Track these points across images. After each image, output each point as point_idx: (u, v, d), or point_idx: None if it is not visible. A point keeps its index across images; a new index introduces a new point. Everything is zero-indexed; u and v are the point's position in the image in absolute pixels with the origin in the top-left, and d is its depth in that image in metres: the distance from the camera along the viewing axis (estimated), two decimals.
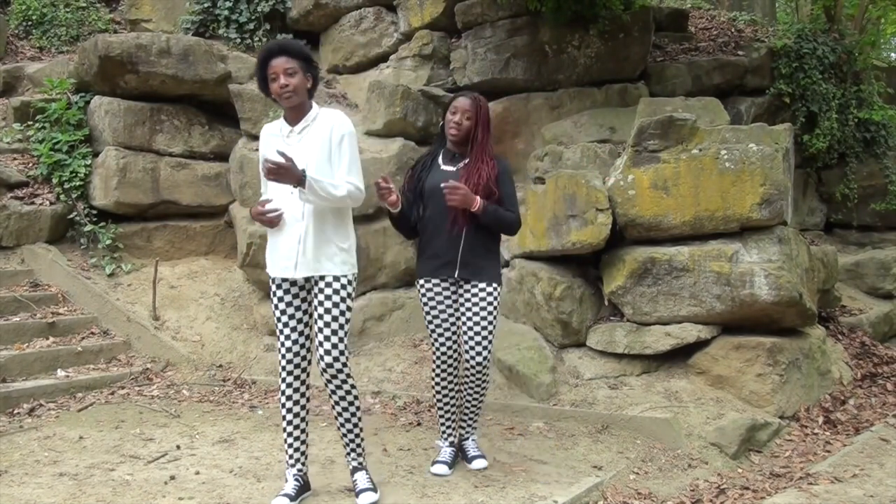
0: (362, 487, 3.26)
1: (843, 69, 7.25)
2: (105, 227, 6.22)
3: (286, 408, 3.27)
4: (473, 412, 3.83)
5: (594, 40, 6.46)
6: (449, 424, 3.81)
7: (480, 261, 3.59)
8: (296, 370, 3.24)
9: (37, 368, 4.97)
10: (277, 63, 3.10)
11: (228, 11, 7.47)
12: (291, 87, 3.10)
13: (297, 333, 3.21)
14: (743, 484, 3.73)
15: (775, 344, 4.58)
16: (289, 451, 3.30)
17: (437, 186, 3.54)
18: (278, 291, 3.20)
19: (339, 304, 3.13)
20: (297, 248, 3.12)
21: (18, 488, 3.35)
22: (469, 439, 3.86)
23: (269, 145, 3.24)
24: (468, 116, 3.59)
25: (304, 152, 3.15)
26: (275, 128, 3.29)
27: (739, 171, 4.61)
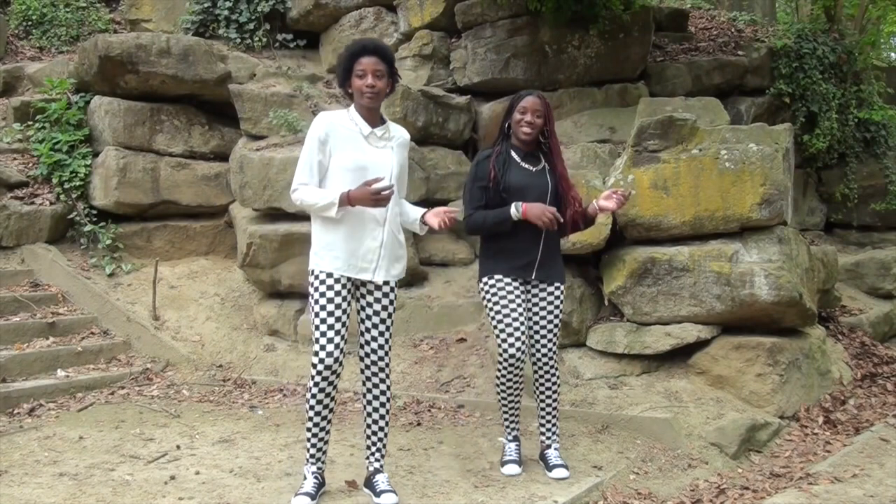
0: (384, 489, 3.25)
1: (843, 69, 7.25)
2: (105, 227, 6.22)
3: (324, 405, 3.17)
4: (553, 417, 3.78)
5: (594, 40, 6.46)
6: (513, 422, 3.80)
7: (554, 262, 3.66)
8: (333, 375, 3.13)
9: (37, 368, 4.97)
10: (369, 62, 3.12)
11: (228, 11, 7.47)
12: (378, 88, 3.15)
13: (339, 336, 3.12)
14: (743, 484, 3.73)
15: (775, 344, 4.58)
16: (311, 450, 3.24)
17: (521, 186, 3.55)
18: (336, 286, 3.12)
19: (392, 305, 3.27)
20: (379, 251, 3.18)
21: (18, 488, 3.35)
22: (552, 447, 3.77)
23: (341, 137, 3.17)
24: (539, 115, 3.58)
25: (387, 159, 3.21)
26: (344, 119, 3.22)
27: (739, 171, 4.61)
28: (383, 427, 3.33)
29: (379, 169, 3.15)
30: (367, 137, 3.19)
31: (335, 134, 3.17)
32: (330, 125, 3.18)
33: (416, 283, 5.86)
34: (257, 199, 5.70)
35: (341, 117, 3.23)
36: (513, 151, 3.66)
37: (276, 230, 5.56)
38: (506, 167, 3.61)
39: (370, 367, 3.26)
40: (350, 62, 3.15)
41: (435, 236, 6.20)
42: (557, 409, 3.81)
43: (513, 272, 3.58)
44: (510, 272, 3.57)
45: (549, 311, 3.65)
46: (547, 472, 3.68)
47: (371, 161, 3.16)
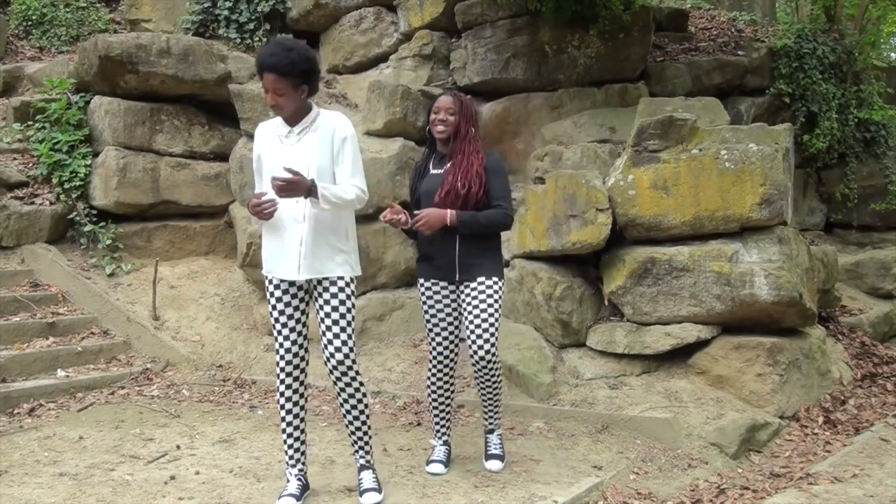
0: (367, 487, 3.26)
1: (843, 69, 7.25)
2: (105, 227, 6.22)
3: (285, 409, 3.27)
4: (491, 407, 3.80)
5: (594, 40, 6.46)
6: (443, 423, 3.83)
7: (478, 260, 3.59)
8: (294, 371, 3.24)
9: (37, 368, 4.97)
10: (267, 79, 3.07)
11: (228, 11, 7.47)
12: (279, 104, 3.11)
13: (295, 334, 3.21)
14: (743, 484, 3.73)
15: (775, 344, 4.58)
16: (289, 451, 3.30)
17: (428, 191, 3.59)
18: (276, 292, 3.19)
19: (343, 304, 3.15)
20: (300, 249, 3.11)
21: (18, 488, 3.35)
22: (493, 433, 3.85)
23: (265, 144, 3.23)
24: (451, 112, 3.58)
25: (303, 154, 3.14)
26: (272, 126, 3.27)
27: (739, 171, 4.61)
28: (361, 427, 3.30)
29: (295, 166, 3.07)
30: (285, 137, 3.20)
31: (262, 143, 3.25)
32: (259, 136, 3.26)
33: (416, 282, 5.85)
34: None
35: (271, 124, 3.27)
36: (433, 157, 3.72)
37: None
38: (420, 175, 3.71)
39: (335, 370, 3.17)
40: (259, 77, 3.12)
41: None
42: (498, 403, 3.80)
43: (435, 274, 3.63)
44: (433, 274, 3.64)
45: (475, 306, 3.53)
46: (484, 461, 3.79)
47: (286, 160, 3.12)
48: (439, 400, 3.78)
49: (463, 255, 3.56)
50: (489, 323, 3.52)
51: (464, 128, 3.59)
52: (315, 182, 3.02)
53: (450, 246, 3.56)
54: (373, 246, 5.71)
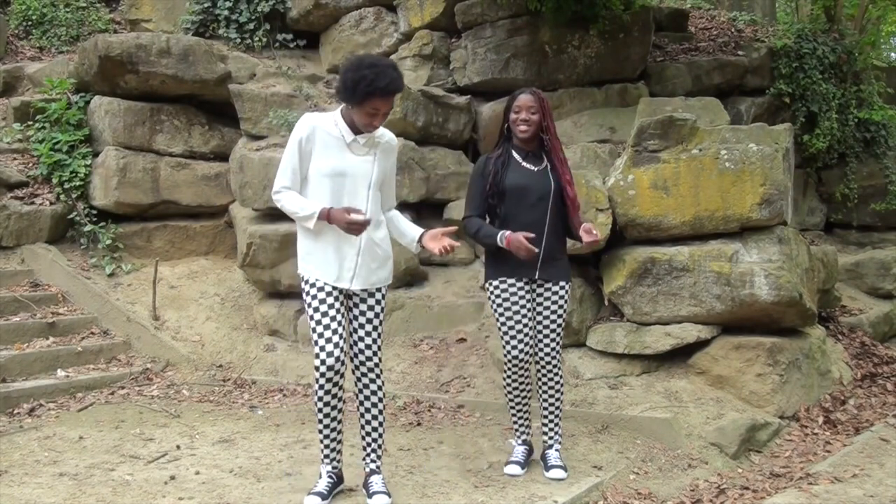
0: (377, 490, 3.24)
1: (843, 69, 7.25)
2: (105, 227, 6.22)
3: (331, 406, 3.18)
4: (556, 417, 3.76)
5: (594, 40, 6.46)
6: (524, 423, 3.81)
7: (557, 261, 3.64)
8: (335, 376, 3.13)
9: (37, 368, 4.97)
10: (387, 102, 3.06)
11: (228, 11, 7.47)
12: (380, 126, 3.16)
13: (337, 336, 3.12)
14: (743, 484, 3.73)
15: (775, 344, 4.58)
16: (327, 451, 3.27)
17: (522, 186, 3.56)
18: (321, 294, 3.14)
19: (381, 311, 3.26)
20: (357, 260, 3.16)
21: (18, 488, 3.35)
22: (553, 448, 3.76)
23: (323, 143, 3.14)
24: (534, 111, 3.56)
25: (368, 167, 3.18)
26: (327, 124, 3.18)
27: (739, 171, 4.61)
28: (377, 428, 3.32)
29: (357, 176, 3.14)
30: (349, 144, 3.16)
31: (317, 138, 3.15)
32: (313, 128, 3.15)
33: (416, 283, 5.86)
34: (257, 198, 5.70)
35: (326, 121, 3.19)
36: (514, 152, 3.66)
37: (276, 230, 5.57)
38: (505, 168, 3.61)
39: (360, 368, 3.27)
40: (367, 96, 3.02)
41: None
42: (561, 410, 3.79)
43: (517, 272, 3.57)
44: (514, 272, 3.57)
45: (552, 311, 3.64)
46: (545, 472, 3.68)
47: (350, 168, 3.13)
48: (519, 400, 3.73)
49: (548, 255, 3.59)
50: (561, 326, 3.65)
51: (550, 126, 3.61)
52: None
53: (537, 244, 3.51)
54: None
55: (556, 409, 3.76)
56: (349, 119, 3.16)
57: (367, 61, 3.10)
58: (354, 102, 3.06)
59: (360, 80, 3.01)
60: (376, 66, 3.05)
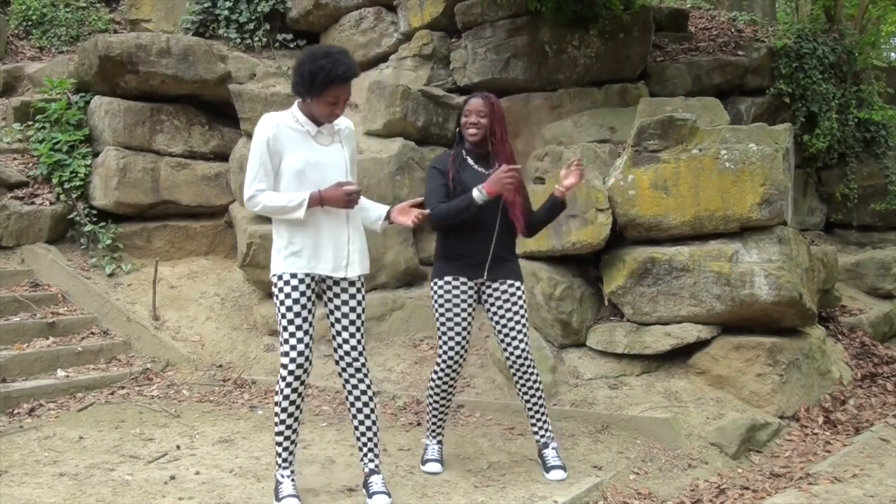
0: (377, 490, 3.22)
1: (843, 69, 7.25)
2: (105, 227, 6.22)
3: (297, 406, 3.16)
4: (542, 414, 3.73)
5: (594, 40, 6.46)
6: (440, 424, 3.83)
7: (507, 262, 3.66)
8: (304, 374, 3.14)
9: (37, 368, 4.97)
10: (346, 89, 3.08)
11: (228, 11, 7.47)
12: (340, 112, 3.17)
13: (308, 336, 3.13)
14: (743, 484, 3.73)
15: (775, 344, 4.58)
16: (287, 455, 3.22)
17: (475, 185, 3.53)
18: (298, 289, 3.10)
19: (361, 303, 3.24)
20: (348, 247, 3.17)
21: (18, 488, 3.35)
22: (549, 447, 3.74)
23: (287, 139, 3.14)
24: (483, 115, 3.60)
25: (339, 156, 3.20)
26: (287, 121, 3.18)
27: (739, 171, 4.61)
28: (371, 427, 3.29)
29: (331, 166, 3.15)
30: (314, 136, 3.18)
31: (282, 135, 3.14)
32: (276, 126, 3.15)
33: (416, 283, 5.86)
34: None
35: (286, 118, 3.20)
36: (467, 155, 3.71)
37: None
38: (462, 169, 3.67)
39: (347, 370, 3.21)
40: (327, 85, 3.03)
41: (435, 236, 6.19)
42: (545, 406, 3.76)
43: (464, 271, 3.61)
44: (461, 271, 3.61)
45: (509, 310, 3.61)
46: (545, 474, 3.68)
47: (322, 159, 3.14)
48: (441, 400, 3.77)
49: (496, 256, 3.61)
50: (522, 324, 3.63)
51: (499, 130, 3.63)
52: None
53: (485, 244, 3.57)
54: (373, 246, 5.68)
55: (541, 407, 3.74)
56: (308, 112, 3.18)
57: (320, 52, 3.11)
58: (314, 94, 3.08)
59: (318, 70, 3.02)
60: (330, 55, 3.06)
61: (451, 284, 3.59)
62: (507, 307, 3.63)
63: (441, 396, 3.76)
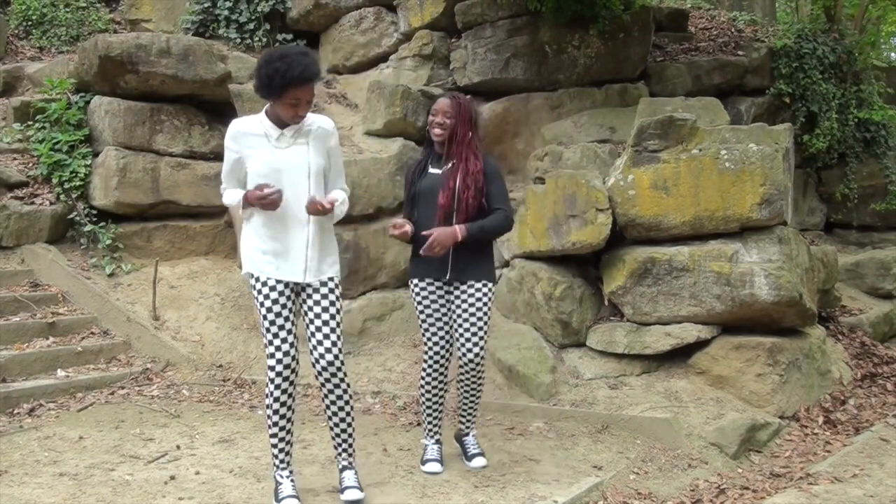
0: (349, 485, 3.26)
1: (843, 69, 7.25)
2: (105, 227, 6.22)
3: (287, 406, 3.20)
4: (471, 409, 3.84)
5: (594, 40, 6.46)
6: (436, 423, 3.84)
7: (471, 261, 3.63)
8: (291, 374, 3.17)
9: (37, 368, 4.97)
10: (308, 90, 3.06)
11: (228, 11, 7.47)
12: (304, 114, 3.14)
13: (291, 336, 3.16)
14: (743, 484, 3.74)
15: (775, 344, 4.57)
16: (283, 455, 3.24)
17: (427, 190, 3.62)
18: (272, 294, 3.13)
19: (334, 304, 3.20)
20: (306, 253, 3.14)
21: (18, 488, 3.35)
22: (469, 435, 3.88)
23: (249, 145, 3.15)
24: (449, 115, 3.60)
25: (300, 157, 3.15)
26: (252, 126, 3.18)
27: (739, 171, 4.61)
28: (346, 429, 3.30)
29: (293, 169, 3.12)
30: (276, 140, 3.15)
31: (243, 141, 3.16)
32: (238, 134, 3.17)
33: None
34: None
35: (250, 123, 3.20)
36: (431, 157, 3.73)
37: None
38: (420, 173, 3.70)
39: (322, 374, 3.18)
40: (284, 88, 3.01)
41: None
42: (477, 405, 3.85)
43: (429, 273, 3.64)
44: (427, 273, 3.64)
45: (464, 310, 3.60)
46: (466, 462, 3.80)
47: (283, 163, 3.12)
48: (433, 399, 3.79)
49: (456, 256, 3.59)
50: (478, 327, 3.59)
51: (461, 131, 3.60)
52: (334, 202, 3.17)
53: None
54: (373, 246, 5.70)
55: (474, 403, 3.82)
56: (274, 116, 3.16)
57: (276, 54, 3.10)
58: (274, 97, 3.07)
59: (274, 73, 3.01)
60: (286, 56, 3.04)
61: (420, 286, 3.66)
62: (466, 308, 3.60)
63: (431, 395, 3.77)
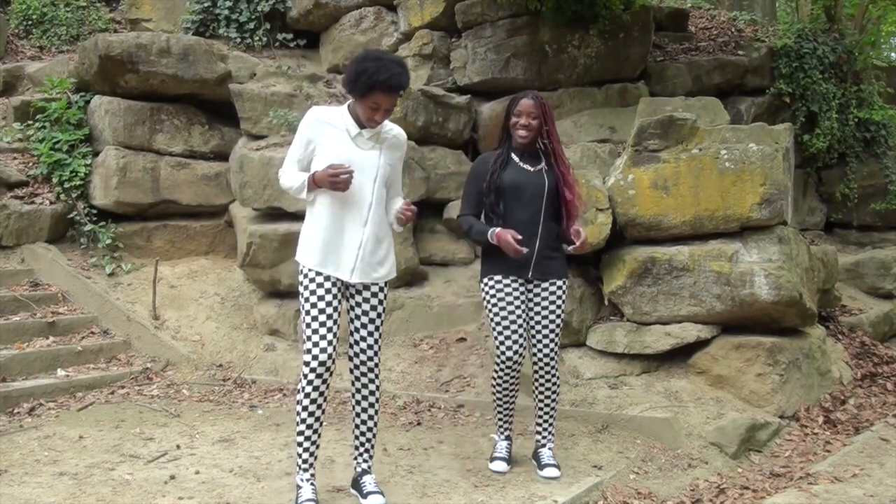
0: (371, 490, 3.23)
1: (843, 69, 7.25)
2: (105, 226, 6.22)
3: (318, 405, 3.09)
4: (550, 417, 3.79)
5: (594, 40, 6.46)
6: (507, 421, 3.82)
7: (553, 259, 3.65)
8: (327, 373, 3.08)
9: (37, 368, 4.97)
10: (391, 99, 3.05)
11: (229, 11, 7.48)
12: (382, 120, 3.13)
13: (331, 333, 3.06)
14: (743, 484, 3.74)
15: (775, 344, 4.58)
16: (307, 456, 3.16)
17: (517, 184, 3.58)
18: (319, 289, 3.07)
19: (381, 307, 3.21)
20: (358, 252, 3.12)
21: (18, 488, 3.35)
22: (546, 447, 3.79)
23: (327, 136, 3.13)
24: (534, 117, 3.58)
25: (374, 161, 3.15)
26: (333, 117, 3.17)
27: (739, 171, 4.61)
28: (372, 428, 3.30)
29: (363, 170, 3.12)
30: (354, 138, 3.15)
31: (322, 131, 3.15)
32: (317, 121, 3.16)
33: (416, 282, 5.86)
34: (257, 198, 5.70)
35: (331, 114, 3.19)
36: (513, 153, 3.68)
37: (276, 230, 5.56)
38: (503, 167, 3.64)
39: (359, 368, 3.22)
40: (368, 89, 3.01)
41: (435, 236, 6.20)
42: (556, 410, 3.81)
43: (510, 271, 3.59)
44: (507, 271, 3.59)
45: (548, 310, 3.64)
46: (538, 471, 3.70)
47: (356, 161, 3.11)
48: (507, 399, 3.75)
49: (541, 254, 3.60)
50: (557, 325, 3.65)
51: (551, 130, 3.62)
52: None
53: (530, 243, 3.54)
54: None
55: (552, 410, 3.79)
56: (355, 113, 3.16)
57: (372, 55, 3.10)
58: (357, 95, 3.07)
59: (362, 72, 3.01)
60: (380, 59, 3.05)
61: (502, 283, 3.59)
62: (548, 307, 3.64)
63: (503, 394, 3.74)
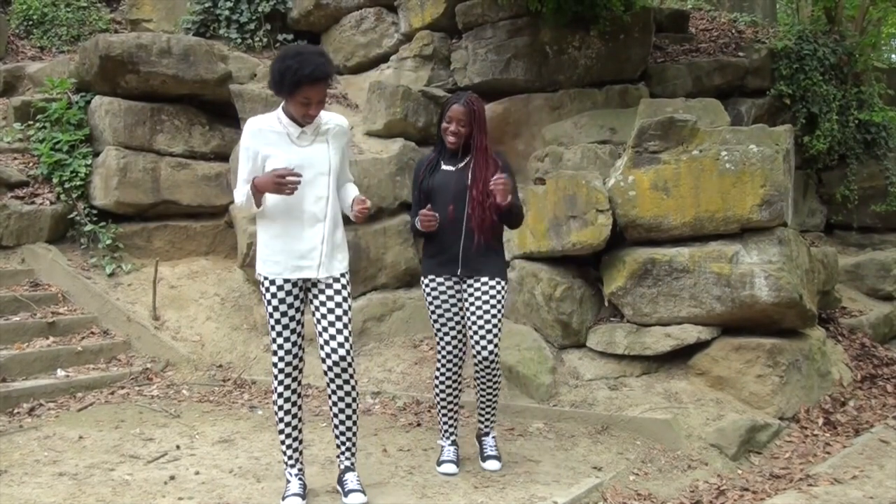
0: (352, 488, 3.25)
1: (843, 70, 7.25)
2: (105, 226, 6.22)
3: (286, 410, 3.25)
4: (489, 408, 3.83)
5: (595, 41, 6.46)
6: (452, 423, 3.84)
7: (483, 258, 3.63)
8: (295, 372, 3.23)
9: (37, 368, 4.97)
10: (319, 90, 3.04)
11: (229, 11, 7.48)
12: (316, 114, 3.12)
13: (296, 335, 3.20)
14: (743, 485, 3.74)
15: (775, 345, 4.58)
16: (292, 452, 3.29)
17: (441, 186, 3.63)
18: (279, 293, 3.15)
19: (345, 301, 3.20)
20: (321, 248, 3.14)
21: (18, 488, 3.35)
22: (489, 436, 3.87)
23: (269, 142, 3.13)
24: (463, 124, 3.60)
25: (321, 155, 3.16)
26: (271, 123, 3.17)
27: (740, 173, 4.61)
28: (351, 427, 3.30)
29: (315, 167, 3.12)
30: (297, 138, 3.15)
31: (265, 139, 3.14)
32: (258, 131, 3.15)
33: (416, 283, 5.85)
34: None
35: (269, 121, 3.18)
36: (442, 155, 3.73)
37: None
38: (433, 171, 3.71)
39: (333, 369, 3.17)
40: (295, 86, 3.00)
41: None
42: (496, 404, 3.85)
43: (442, 270, 3.66)
44: (439, 270, 3.66)
45: (478, 307, 3.60)
46: (481, 462, 3.79)
47: (305, 160, 3.11)
48: (448, 399, 3.78)
49: (468, 252, 3.60)
50: (492, 324, 3.58)
51: (478, 138, 3.62)
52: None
53: (454, 241, 3.60)
54: (373, 246, 5.70)
55: (493, 403, 3.82)
56: (289, 114, 3.16)
57: (291, 51, 3.08)
58: (286, 94, 3.07)
59: (286, 70, 2.99)
60: (300, 54, 3.03)
61: (436, 282, 3.67)
62: (479, 304, 3.60)
63: (446, 395, 3.77)
